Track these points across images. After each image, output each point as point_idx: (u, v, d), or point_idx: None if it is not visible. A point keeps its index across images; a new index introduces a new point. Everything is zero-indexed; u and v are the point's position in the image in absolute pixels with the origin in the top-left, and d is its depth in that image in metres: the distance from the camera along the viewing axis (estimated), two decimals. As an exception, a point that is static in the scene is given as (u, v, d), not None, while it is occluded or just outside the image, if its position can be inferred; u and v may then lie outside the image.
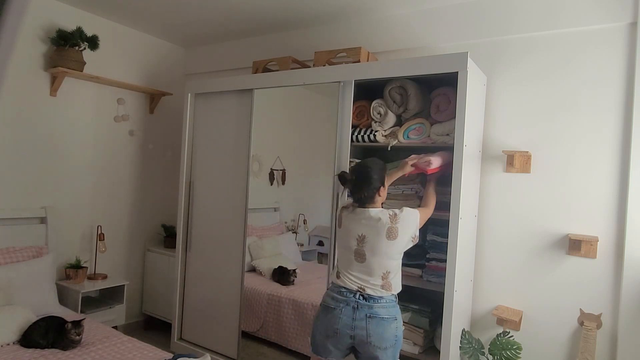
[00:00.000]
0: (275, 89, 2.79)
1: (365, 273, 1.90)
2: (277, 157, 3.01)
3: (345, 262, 1.96)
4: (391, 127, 2.45)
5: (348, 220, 1.98)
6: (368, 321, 1.84)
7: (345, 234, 1.97)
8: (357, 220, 1.94)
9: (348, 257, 1.95)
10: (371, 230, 1.90)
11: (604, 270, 2.20)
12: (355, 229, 1.93)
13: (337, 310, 1.88)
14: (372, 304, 1.86)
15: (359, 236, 1.92)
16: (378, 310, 1.86)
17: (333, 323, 1.88)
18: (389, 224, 1.88)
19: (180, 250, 3.18)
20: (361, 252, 1.91)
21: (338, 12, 2.93)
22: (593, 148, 2.25)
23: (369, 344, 1.84)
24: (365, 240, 1.90)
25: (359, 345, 1.87)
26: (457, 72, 2.10)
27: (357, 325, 1.84)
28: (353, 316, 1.85)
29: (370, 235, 1.90)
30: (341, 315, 1.87)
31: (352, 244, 1.93)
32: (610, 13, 2.21)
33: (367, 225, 1.91)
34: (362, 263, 1.90)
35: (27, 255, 2.74)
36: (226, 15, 3.12)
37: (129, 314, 3.46)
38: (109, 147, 3.43)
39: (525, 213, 2.41)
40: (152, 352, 2.26)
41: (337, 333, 1.87)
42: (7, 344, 2.19)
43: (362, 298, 1.88)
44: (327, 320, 1.90)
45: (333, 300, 1.92)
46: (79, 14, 3.14)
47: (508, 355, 2.10)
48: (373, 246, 1.89)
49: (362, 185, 1.93)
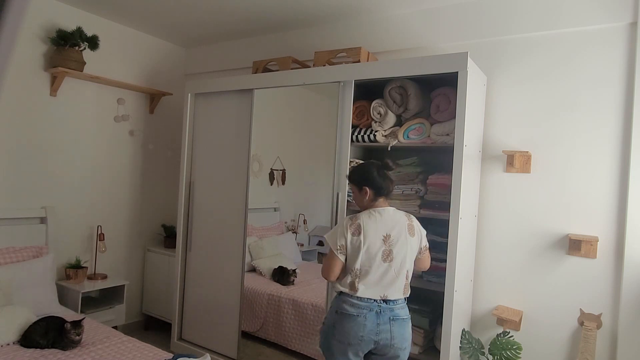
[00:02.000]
0: (275, 89, 2.79)
1: (390, 276, 1.85)
2: (277, 157, 3.01)
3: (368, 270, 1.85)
4: (391, 127, 2.45)
5: (371, 221, 1.90)
6: (392, 324, 1.84)
7: (369, 239, 1.87)
8: (383, 220, 1.90)
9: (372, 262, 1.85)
10: (396, 228, 1.89)
11: (604, 270, 2.20)
12: (381, 229, 1.88)
13: (361, 318, 1.81)
14: (393, 307, 1.86)
15: (385, 235, 1.88)
16: (399, 312, 1.87)
17: (357, 330, 1.81)
18: (407, 220, 1.94)
19: (180, 250, 3.18)
20: (388, 251, 1.86)
21: (338, 12, 2.93)
22: (593, 148, 2.25)
23: (392, 347, 1.83)
24: (392, 238, 1.88)
25: (381, 349, 1.84)
26: (457, 72, 2.10)
27: (382, 330, 1.82)
28: (377, 321, 1.82)
29: (395, 233, 1.88)
30: (365, 322, 1.81)
31: (378, 246, 1.86)
32: (610, 13, 2.21)
33: (392, 223, 1.90)
34: (389, 263, 1.86)
35: (27, 255, 2.74)
36: (226, 15, 3.12)
37: (129, 314, 3.46)
38: (109, 147, 3.43)
39: (525, 213, 2.41)
40: (152, 352, 2.26)
41: (362, 340, 1.81)
42: (7, 344, 2.19)
43: (383, 302, 1.85)
44: (349, 328, 1.82)
45: (353, 307, 1.83)
46: (79, 14, 3.15)
47: (508, 355, 2.10)
48: (398, 243, 1.87)
49: (387, 180, 1.95)
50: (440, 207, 2.25)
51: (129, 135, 3.55)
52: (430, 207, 2.31)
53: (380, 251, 1.86)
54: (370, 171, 1.95)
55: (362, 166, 2.05)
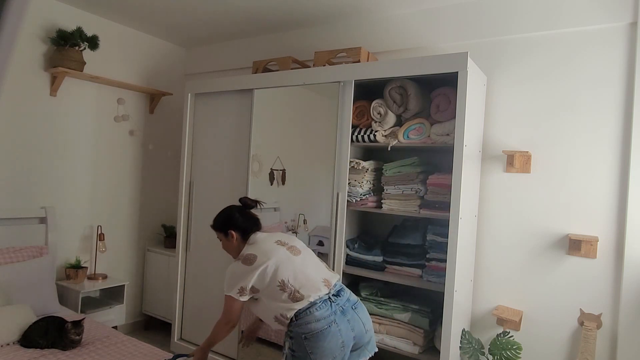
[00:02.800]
0: (275, 89, 2.79)
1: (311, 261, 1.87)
2: (277, 157, 3.01)
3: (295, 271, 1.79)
4: (391, 127, 2.45)
5: (255, 248, 1.88)
6: (357, 312, 1.79)
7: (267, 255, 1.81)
8: (262, 239, 1.92)
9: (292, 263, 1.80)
10: (277, 234, 1.97)
11: (604, 270, 2.20)
12: (269, 241, 1.89)
13: (333, 326, 1.69)
14: (346, 296, 1.81)
15: (278, 241, 1.89)
16: (352, 297, 1.84)
17: (336, 340, 1.68)
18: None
19: (180, 250, 3.18)
20: (292, 247, 1.88)
21: (338, 12, 2.93)
22: (593, 148, 2.25)
23: (367, 332, 1.79)
24: (283, 239, 1.91)
25: (358, 341, 1.77)
26: (457, 72, 2.10)
27: (354, 325, 1.75)
28: (346, 318, 1.74)
29: (282, 237, 1.94)
30: (340, 327, 1.70)
31: (281, 251, 1.84)
32: (610, 13, 2.21)
33: (271, 235, 1.96)
34: (299, 255, 1.86)
35: (27, 255, 2.74)
36: (226, 15, 3.13)
37: (129, 314, 3.46)
38: (109, 147, 3.43)
39: (525, 213, 2.41)
40: (152, 352, 2.26)
41: (344, 346, 1.70)
42: (7, 344, 2.19)
43: (335, 297, 1.77)
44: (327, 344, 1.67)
45: (319, 322, 1.69)
46: (79, 14, 3.15)
47: (508, 355, 2.10)
48: (291, 239, 1.94)
49: (251, 220, 2.00)
50: (440, 207, 2.25)
51: (129, 135, 3.55)
52: (430, 207, 2.31)
53: (286, 249, 1.85)
54: (232, 214, 1.98)
55: (223, 212, 2.03)
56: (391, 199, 2.44)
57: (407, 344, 2.32)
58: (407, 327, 2.33)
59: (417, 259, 2.40)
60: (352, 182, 2.50)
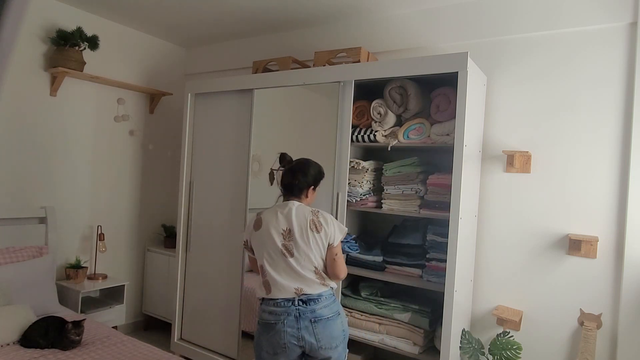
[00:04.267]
0: (275, 89, 2.78)
1: (297, 270, 1.78)
2: (277, 157, 3.01)
3: (273, 265, 1.81)
4: (391, 127, 2.45)
5: (271, 216, 1.85)
6: (314, 326, 1.76)
7: (267, 233, 1.82)
8: (282, 215, 1.83)
9: (275, 257, 1.81)
10: (296, 223, 1.81)
11: (604, 270, 2.20)
12: (280, 224, 1.82)
13: (279, 325, 1.75)
14: (313, 307, 1.77)
15: (284, 230, 1.81)
16: (321, 312, 1.78)
17: (279, 339, 1.75)
18: (311, 216, 1.83)
19: (180, 250, 3.18)
20: (289, 246, 1.79)
21: (338, 12, 2.93)
22: (593, 148, 2.25)
23: (320, 348, 1.76)
24: (292, 233, 1.80)
25: (310, 351, 1.78)
26: (457, 72, 2.10)
27: (303, 334, 1.75)
28: (297, 326, 1.75)
29: (296, 228, 1.80)
30: (285, 328, 1.74)
31: (277, 241, 1.80)
32: (610, 13, 2.21)
33: (292, 218, 1.82)
34: (292, 258, 1.79)
35: (27, 255, 2.74)
36: (226, 15, 3.12)
37: (129, 314, 3.46)
38: (109, 147, 3.43)
39: (525, 213, 2.41)
40: (152, 352, 2.26)
41: (286, 347, 1.76)
42: (7, 344, 2.19)
43: (301, 303, 1.77)
44: (270, 337, 1.77)
45: (271, 314, 1.78)
46: (79, 14, 3.15)
47: (508, 355, 2.10)
48: (300, 238, 1.79)
49: (298, 172, 1.89)
50: (440, 207, 2.25)
51: (129, 135, 3.55)
52: (430, 207, 2.31)
53: (281, 245, 1.80)
54: (283, 171, 1.93)
55: (315, 165, 1.99)
56: (391, 199, 2.44)
57: (407, 344, 2.32)
58: (407, 327, 2.33)
59: (417, 259, 2.40)
60: (352, 182, 2.50)
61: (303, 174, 1.89)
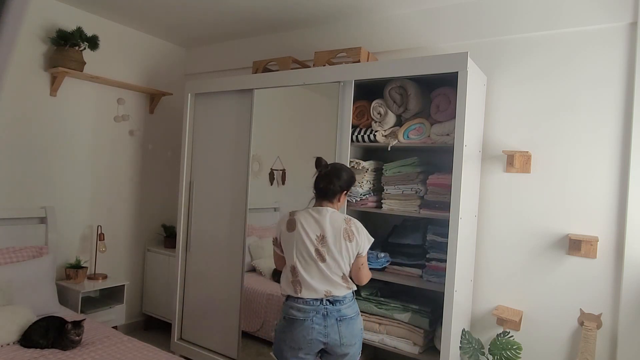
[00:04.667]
0: (275, 89, 2.79)
1: (327, 275, 1.85)
2: (277, 157, 3.01)
3: (305, 267, 1.87)
4: (391, 127, 2.45)
5: (306, 220, 1.90)
6: (339, 324, 1.85)
7: (300, 236, 1.88)
8: (317, 221, 1.89)
9: (306, 260, 1.87)
10: (330, 230, 1.86)
11: (604, 270, 2.20)
12: (315, 229, 1.87)
13: (308, 321, 1.84)
14: (339, 307, 1.86)
15: (318, 236, 1.86)
16: (346, 311, 1.87)
17: (306, 334, 1.83)
18: (344, 224, 1.89)
19: (180, 250, 3.18)
20: (321, 252, 1.86)
21: (338, 12, 2.93)
22: (593, 148, 2.25)
23: (342, 345, 1.86)
24: (325, 239, 1.86)
25: (331, 348, 1.87)
26: (457, 72, 2.10)
27: (330, 331, 1.84)
28: (325, 323, 1.84)
29: (330, 234, 1.86)
30: (313, 325, 1.83)
31: (310, 246, 1.86)
32: (610, 13, 2.21)
33: (327, 225, 1.87)
34: (324, 263, 1.85)
35: (27, 255, 2.74)
36: (226, 15, 3.12)
37: (129, 314, 3.46)
38: (109, 147, 3.43)
39: (525, 213, 2.41)
40: (152, 352, 2.26)
41: (311, 342, 1.84)
42: (7, 344, 2.19)
43: (329, 303, 1.86)
44: (297, 332, 1.85)
45: (300, 312, 1.85)
46: (79, 14, 3.15)
47: (508, 355, 2.10)
48: (333, 245, 1.85)
49: (333, 177, 1.92)
50: (440, 207, 2.25)
51: (129, 135, 3.55)
52: (430, 207, 2.31)
53: (313, 250, 1.85)
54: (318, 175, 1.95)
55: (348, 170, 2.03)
56: (391, 199, 2.44)
57: (407, 344, 2.32)
58: (407, 327, 2.33)
59: (417, 259, 2.40)
60: (352, 182, 2.50)
61: (338, 178, 1.92)
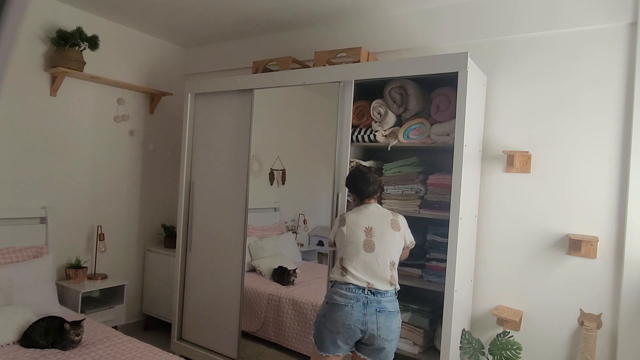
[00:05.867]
0: (275, 89, 2.78)
1: (374, 265, 1.99)
2: (277, 157, 3.01)
3: (352, 258, 2.02)
4: (391, 127, 2.45)
5: (354, 215, 2.10)
6: (378, 315, 1.93)
7: (351, 230, 2.06)
8: (364, 214, 2.09)
9: (355, 251, 2.02)
10: (378, 221, 2.06)
11: (604, 270, 2.20)
12: (363, 222, 2.06)
13: (348, 307, 1.93)
14: (380, 299, 1.95)
15: (367, 227, 2.04)
16: (386, 305, 1.95)
17: (345, 319, 1.92)
18: (391, 216, 2.10)
19: (180, 250, 3.18)
20: (370, 242, 2.02)
21: (338, 12, 2.93)
22: (593, 148, 2.25)
23: (379, 337, 1.92)
24: (373, 230, 2.04)
25: (368, 338, 1.94)
26: (457, 72, 2.10)
27: (368, 320, 1.92)
28: (364, 311, 1.92)
29: (377, 225, 2.05)
30: (353, 312, 1.92)
31: (360, 236, 2.03)
32: (610, 13, 2.21)
33: (374, 217, 2.07)
34: (371, 253, 2.00)
35: (27, 255, 2.74)
36: (226, 15, 3.12)
37: (129, 314, 3.46)
38: (109, 147, 3.43)
39: (525, 213, 2.40)
40: (152, 352, 2.26)
41: (349, 328, 1.92)
42: (7, 344, 2.19)
43: (370, 293, 1.95)
44: (337, 317, 1.94)
45: (342, 297, 1.96)
46: (79, 14, 3.14)
47: (508, 355, 2.10)
48: (381, 235, 2.03)
49: (375, 180, 2.16)
50: (440, 207, 2.25)
51: (129, 135, 3.55)
52: (430, 207, 2.31)
53: (362, 241, 2.03)
54: (353, 178, 2.18)
55: (350, 174, 2.24)
56: (391, 199, 2.44)
57: (407, 344, 2.32)
58: (407, 327, 2.33)
59: (417, 258, 2.40)
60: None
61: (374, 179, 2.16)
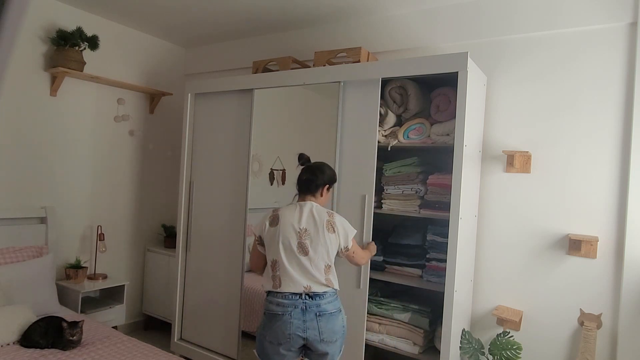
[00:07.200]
0: (275, 89, 2.78)
1: (309, 269, 1.88)
2: (277, 157, 3.01)
3: (285, 263, 1.90)
4: (391, 127, 2.45)
5: (289, 213, 1.95)
6: (318, 319, 1.86)
7: (283, 230, 1.92)
8: (298, 214, 1.94)
9: (288, 255, 1.90)
10: (312, 222, 1.92)
11: (604, 270, 2.20)
12: (297, 223, 1.92)
13: (287, 316, 1.86)
14: (319, 302, 1.88)
15: (301, 229, 1.91)
16: (326, 307, 1.89)
17: (284, 329, 1.85)
18: (327, 217, 1.95)
19: (180, 250, 3.18)
20: (303, 244, 1.90)
21: (338, 12, 2.93)
22: (593, 148, 2.25)
23: (322, 341, 1.87)
24: (307, 232, 1.91)
25: (311, 343, 1.88)
26: (457, 72, 2.10)
27: (308, 326, 1.85)
28: (303, 318, 1.85)
29: (312, 227, 1.91)
30: (292, 320, 1.85)
31: (293, 238, 1.90)
32: (610, 13, 2.21)
33: (309, 217, 1.93)
34: (305, 256, 1.89)
35: (27, 255, 2.74)
36: (226, 15, 3.12)
37: (129, 314, 3.46)
38: (109, 147, 3.43)
39: (525, 213, 2.40)
40: (152, 352, 2.26)
41: (290, 338, 1.85)
42: (7, 344, 2.19)
43: (308, 297, 1.88)
44: (277, 327, 1.87)
45: (279, 306, 1.88)
46: (79, 14, 3.15)
47: (508, 355, 2.10)
48: (315, 237, 1.90)
49: (316, 170, 2.01)
50: (440, 207, 2.25)
51: (129, 135, 3.55)
52: (430, 207, 2.31)
53: (296, 244, 1.90)
54: (306, 169, 2.04)
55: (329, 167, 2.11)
56: (391, 199, 2.44)
57: (407, 344, 2.32)
58: (407, 327, 2.33)
59: (417, 259, 2.40)
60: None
61: (320, 171, 2.01)
